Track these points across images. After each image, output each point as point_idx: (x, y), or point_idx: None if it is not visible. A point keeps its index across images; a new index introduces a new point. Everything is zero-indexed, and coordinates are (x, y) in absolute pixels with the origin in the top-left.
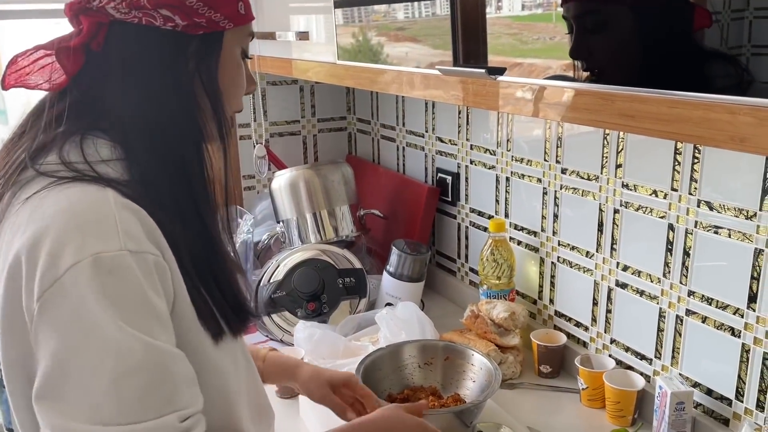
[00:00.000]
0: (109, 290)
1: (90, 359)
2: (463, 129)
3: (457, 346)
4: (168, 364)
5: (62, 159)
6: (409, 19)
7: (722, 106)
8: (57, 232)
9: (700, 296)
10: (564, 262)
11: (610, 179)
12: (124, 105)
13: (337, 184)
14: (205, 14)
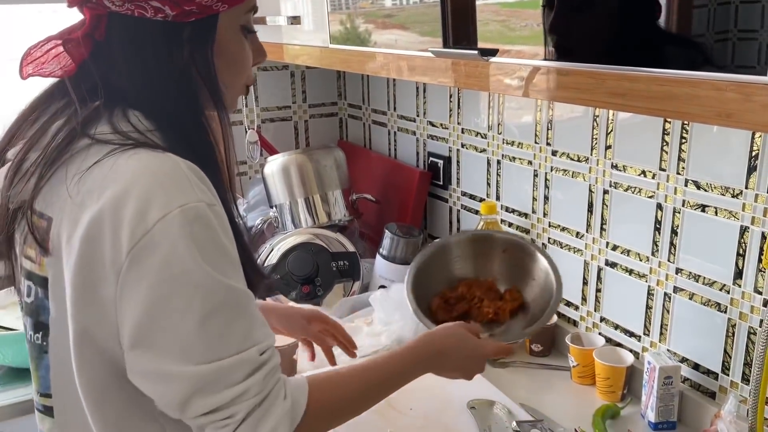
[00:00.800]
0: (197, 236)
1: (180, 303)
2: (454, 113)
3: (518, 240)
4: (243, 303)
5: (115, 129)
6: (397, 6)
7: (709, 83)
8: (140, 191)
9: (687, 273)
10: (554, 242)
11: (599, 160)
12: (131, 89)
13: (329, 168)
14: (196, 1)
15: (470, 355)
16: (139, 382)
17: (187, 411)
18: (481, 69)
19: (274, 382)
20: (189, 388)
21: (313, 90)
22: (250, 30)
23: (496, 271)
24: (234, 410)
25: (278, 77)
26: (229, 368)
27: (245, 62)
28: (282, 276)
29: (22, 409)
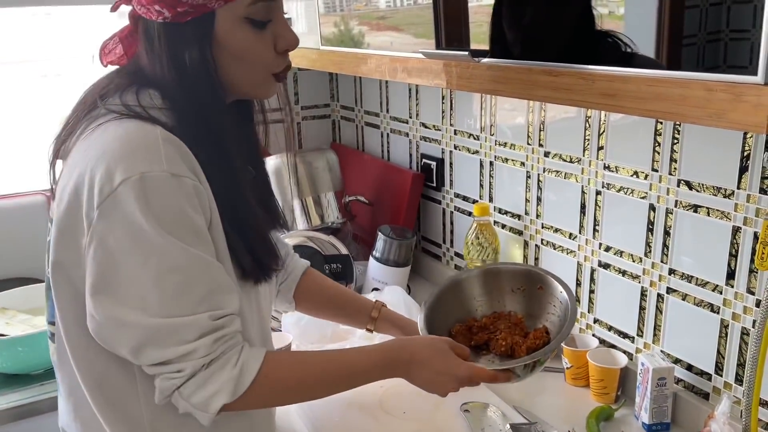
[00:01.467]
0: (153, 203)
1: (137, 257)
2: (446, 115)
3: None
4: (202, 269)
5: (122, 101)
6: (391, 8)
7: (699, 84)
8: (113, 154)
9: (680, 274)
10: (548, 244)
11: (592, 161)
12: (154, 78)
13: (322, 171)
14: (188, 1)
15: (442, 371)
16: (96, 328)
17: (140, 358)
18: (473, 70)
19: (225, 348)
20: (142, 336)
21: (306, 92)
22: (257, 21)
23: (518, 307)
24: (182, 366)
25: None
26: (181, 326)
27: (254, 53)
28: None
29: (17, 414)
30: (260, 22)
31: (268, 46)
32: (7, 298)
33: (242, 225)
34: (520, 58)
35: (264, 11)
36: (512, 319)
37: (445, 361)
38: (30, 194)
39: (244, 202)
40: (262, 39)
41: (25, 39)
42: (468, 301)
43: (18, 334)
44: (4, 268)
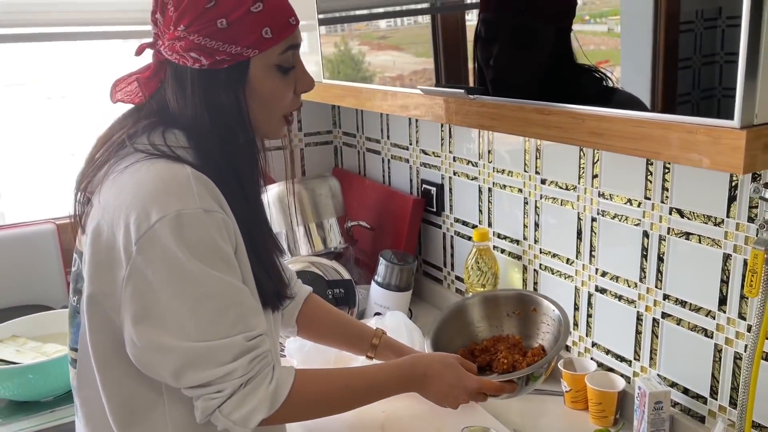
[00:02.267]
0: (187, 238)
1: (176, 288)
2: (446, 141)
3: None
4: (234, 294)
5: (150, 142)
6: (391, 27)
7: (681, 126)
8: (148, 194)
9: (674, 299)
10: (546, 269)
11: (587, 189)
12: (182, 119)
13: (324, 197)
14: (226, 50)
15: (453, 384)
16: (137, 355)
17: (181, 380)
18: (468, 107)
19: (260, 367)
20: (182, 361)
21: (308, 119)
22: (285, 68)
23: (515, 330)
24: (222, 387)
25: None
26: (218, 349)
27: (279, 98)
28: None
29: None
30: (287, 69)
31: (289, 89)
32: (18, 325)
33: (261, 253)
34: (495, 95)
35: (290, 58)
36: (511, 340)
37: (456, 374)
38: (39, 223)
39: (261, 232)
40: (286, 83)
41: (29, 61)
42: (469, 326)
43: (29, 362)
44: (15, 296)
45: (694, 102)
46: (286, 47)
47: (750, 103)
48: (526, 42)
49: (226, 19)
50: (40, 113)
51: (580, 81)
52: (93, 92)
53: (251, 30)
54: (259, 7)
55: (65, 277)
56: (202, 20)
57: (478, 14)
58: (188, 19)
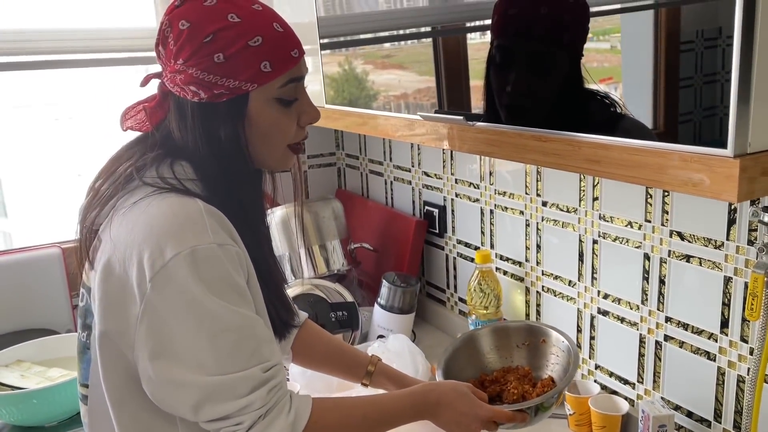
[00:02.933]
0: (203, 273)
1: (192, 323)
2: (447, 163)
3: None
4: (249, 327)
5: (159, 174)
6: (395, 46)
7: (676, 154)
8: (161, 230)
9: (676, 322)
10: (548, 291)
11: (588, 211)
12: (186, 150)
13: (327, 219)
14: (224, 84)
15: (466, 412)
16: (154, 390)
17: (200, 415)
18: (467, 133)
19: (278, 398)
20: (201, 395)
21: (312, 141)
22: (287, 101)
23: (525, 361)
24: (241, 419)
25: None
26: (236, 382)
27: (281, 131)
28: None
29: None
30: (288, 101)
31: (292, 121)
32: (23, 350)
33: (269, 283)
34: (509, 123)
35: (292, 91)
36: (521, 371)
37: (468, 403)
38: (44, 247)
39: (268, 262)
40: (288, 115)
41: (36, 83)
42: (479, 357)
43: (33, 387)
44: (20, 320)
45: (696, 120)
46: (287, 80)
47: (743, 131)
48: (543, 69)
49: (223, 53)
50: (47, 134)
51: (589, 107)
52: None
53: (249, 64)
54: (258, 41)
55: (70, 301)
56: (199, 54)
57: (493, 40)
58: (187, 53)
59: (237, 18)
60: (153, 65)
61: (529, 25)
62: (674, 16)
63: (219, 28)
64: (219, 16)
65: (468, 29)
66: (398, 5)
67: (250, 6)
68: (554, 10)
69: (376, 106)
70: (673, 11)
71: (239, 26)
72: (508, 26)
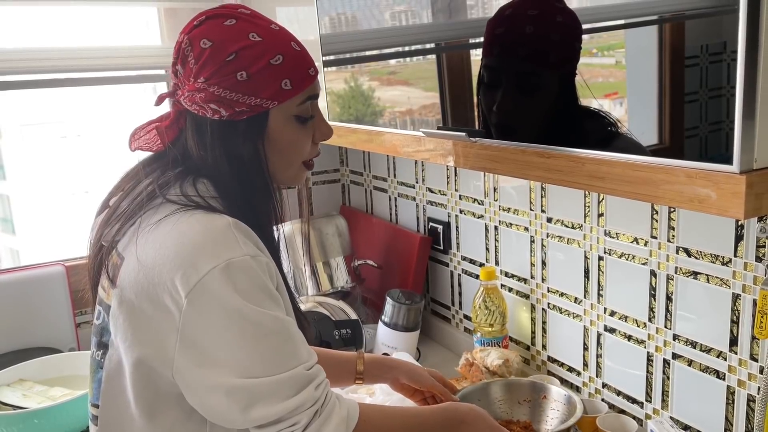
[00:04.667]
0: (240, 284)
1: (236, 333)
2: (451, 180)
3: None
4: (286, 329)
5: (183, 192)
6: (401, 63)
7: (681, 171)
8: (194, 246)
9: (684, 340)
10: (554, 308)
11: (593, 227)
12: (205, 168)
13: (331, 236)
14: (246, 102)
15: (490, 426)
16: (201, 402)
17: (251, 418)
18: (469, 149)
19: (326, 393)
20: (250, 398)
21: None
22: (303, 118)
23: (527, 416)
24: (297, 419)
25: None
26: (284, 382)
27: (298, 147)
28: None
29: None
30: (305, 119)
31: (308, 138)
32: (25, 369)
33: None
34: (499, 139)
35: (309, 108)
36: (521, 424)
37: (487, 421)
38: (48, 265)
39: (283, 273)
40: (305, 132)
41: (44, 101)
42: (487, 406)
43: (35, 406)
44: (23, 339)
45: (702, 135)
46: (305, 98)
47: (749, 147)
48: (529, 88)
49: (246, 71)
50: (55, 152)
51: (583, 125)
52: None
53: (271, 82)
54: (279, 59)
55: (74, 320)
56: (222, 72)
57: (481, 60)
58: (209, 72)
59: (258, 37)
60: (160, 83)
61: (515, 44)
62: (678, 31)
63: (242, 47)
64: (241, 36)
65: (470, 45)
66: (404, 22)
67: (268, 26)
68: (540, 30)
69: (382, 122)
70: (678, 26)
71: (261, 45)
72: (494, 46)
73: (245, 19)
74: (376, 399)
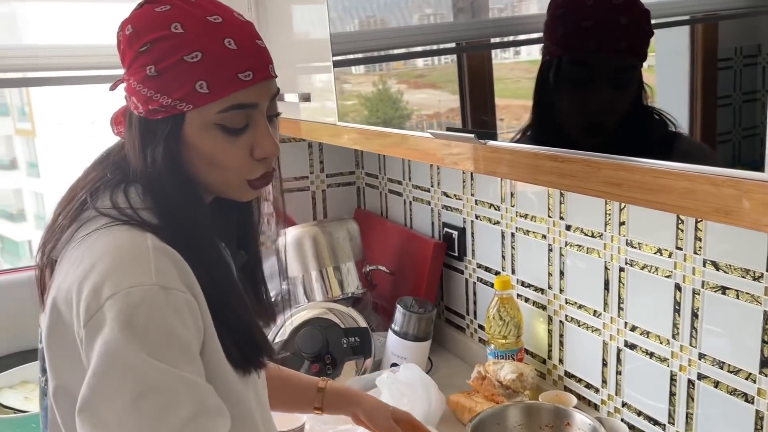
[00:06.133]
0: (136, 321)
1: (114, 382)
2: (467, 184)
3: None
4: (187, 391)
5: (113, 202)
6: (429, 66)
7: (705, 178)
8: (101, 268)
9: (711, 359)
10: (572, 320)
11: (614, 236)
12: (132, 168)
13: (342, 240)
14: (158, 100)
15: None
16: None
17: None
18: (479, 152)
19: None
20: None
21: (331, 160)
22: (229, 128)
23: None
24: None
25: (296, 148)
26: None
27: (226, 160)
28: (293, 353)
29: None
30: (233, 129)
31: (241, 152)
32: (28, 370)
33: (230, 319)
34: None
35: (238, 118)
36: None
37: None
38: None
39: (229, 297)
40: (235, 145)
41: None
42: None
43: (35, 410)
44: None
45: (735, 140)
46: (229, 105)
47: None
48: (623, 84)
49: (155, 66)
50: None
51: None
52: None
53: (183, 82)
54: (197, 56)
55: None
56: (136, 64)
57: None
58: (127, 61)
59: (181, 29)
60: None
61: (613, 37)
62: (711, 32)
63: (157, 38)
64: (162, 25)
65: (492, 45)
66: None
67: (204, 17)
68: (632, 19)
69: (410, 125)
70: (710, 27)
71: (179, 38)
72: (585, 40)
73: (181, 6)
74: None
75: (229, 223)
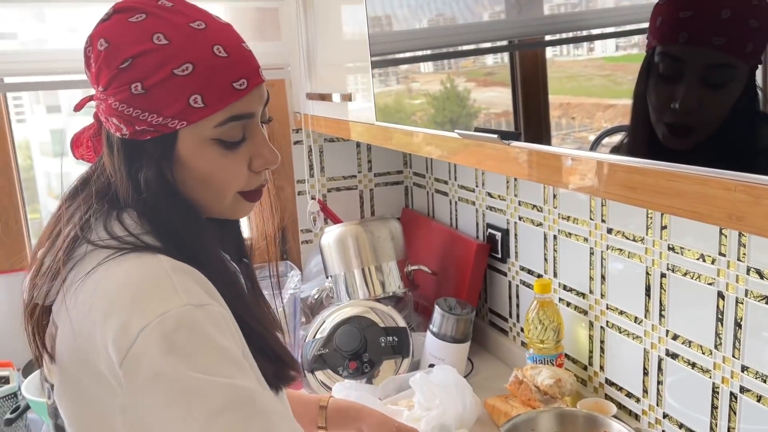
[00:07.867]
0: (179, 344)
1: (180, 409)
2: (511, 184)
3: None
4: (254, 400)
5: (110, 233)
6: (498, 63)
7: (718, 182)
8: (123, 303)
9: (754, 372)
10: (613, 327)
11: (655, 241)
12: (120, 192)
13: (383, 239)
14: (146, 120)
15: None
16: None
17: None
18: (501, 152)
19: None
20: None
21: (378, 159)
22: (228, 142)
23: None
24: None
25: (343, 148)
26: None
27: (224, 177)
28: (331, 350)
29: None
30: (231, 143)
31: (240, 166)
32: None
33: (252, 336)
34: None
35: (236, 130)
36: None
37: None
38: None
39: (257, 310)
40: (234, 159)
41: None
42: None
43: None
44: None
45: None
46: (227, 118)
47: None
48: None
49: (142, 83)
50: None
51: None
52: None
53: (175, 97)
54: (188, 69)
55: None
56: (117, 83)
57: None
58: (105, 80)
59: (164, 40)
60: None
61: (708, 31)
62: None
63: (139, 52)
64: (143, 37)
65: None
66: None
67: (187, 24)
68: (738, 15)
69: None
70: None
71: (165, 50)
72: (678, 31)
73: (158, 14)
74: (414, 413)
75: (225, 234)
